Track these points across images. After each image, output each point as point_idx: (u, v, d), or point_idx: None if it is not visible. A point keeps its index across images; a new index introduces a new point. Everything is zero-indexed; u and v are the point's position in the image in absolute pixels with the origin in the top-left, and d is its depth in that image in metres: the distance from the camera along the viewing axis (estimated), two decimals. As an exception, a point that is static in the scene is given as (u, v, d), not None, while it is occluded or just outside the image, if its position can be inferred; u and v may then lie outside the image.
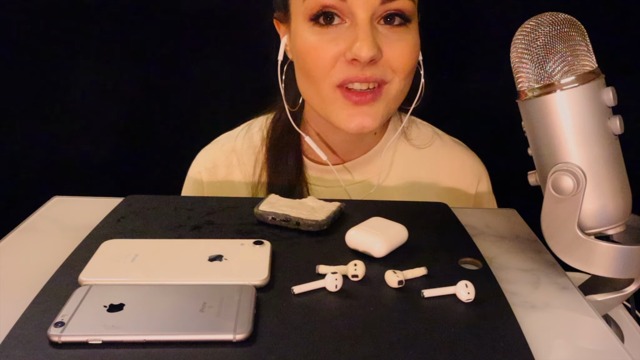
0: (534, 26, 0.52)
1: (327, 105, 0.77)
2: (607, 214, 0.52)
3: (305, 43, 0.76)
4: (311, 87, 0.78)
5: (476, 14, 1.18)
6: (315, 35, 0.75)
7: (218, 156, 0.90)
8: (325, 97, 0.77)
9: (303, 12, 0.75)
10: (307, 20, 0.75)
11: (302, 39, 0.76)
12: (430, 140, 0.91)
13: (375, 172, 0.87)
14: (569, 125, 0.51)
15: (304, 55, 0.76)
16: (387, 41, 0.74)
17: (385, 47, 0.74)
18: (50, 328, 0.41)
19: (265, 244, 0.56)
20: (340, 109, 0.76)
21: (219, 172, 0.89)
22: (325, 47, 0.74)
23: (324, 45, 0.74)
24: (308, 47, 0.75)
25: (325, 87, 0.76)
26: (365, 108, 0.76)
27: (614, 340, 0.47)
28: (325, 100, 0.77)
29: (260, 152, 0.88)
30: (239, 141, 0.90)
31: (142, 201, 0.68)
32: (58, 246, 0.57)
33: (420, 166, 0.89)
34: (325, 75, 0.75)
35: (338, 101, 0.76)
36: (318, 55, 0.74)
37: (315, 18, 0.74)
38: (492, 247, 0.62)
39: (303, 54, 0.76)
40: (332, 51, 0.74)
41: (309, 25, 0.75)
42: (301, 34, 0.76)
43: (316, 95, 0.78)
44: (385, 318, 0.46)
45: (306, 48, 0.76)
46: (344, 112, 0.76)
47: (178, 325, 0.42)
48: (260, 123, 0.91)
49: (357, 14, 0.72)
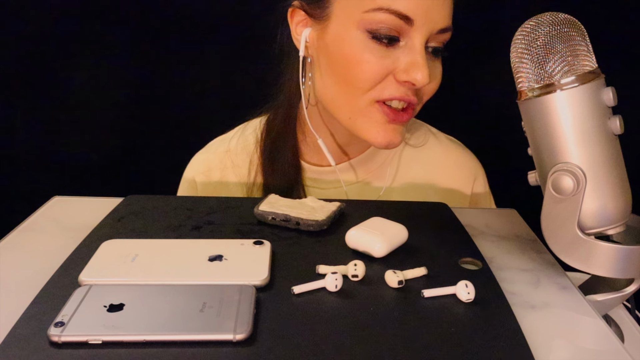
0: (534, 26, 0.52)
1: (359, 116, 0.76)
2: (607, 214, 0.52)
3: (355, 54, 0.73)
4: (344, 96, 0.76)
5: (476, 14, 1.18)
6: (372, 51, 0.72)
7: (212, 159, 0.90)
8: (360, 109, 0.75)
9: (360, 20, 0.72)
10: (363, 30, 0.72)
11: (352, 48, 0.73)
12: (424, 138, 0.91)
13: (371, 173, 0.87)
14: (569, 125, 0.51)
15: (351, 65, 0.73)
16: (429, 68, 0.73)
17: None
18: (50, 328, 0.41)
19: (265, 244, 0.56)
20: (375, 122, 0.75)
21: (213, 175, 0.89)
22: (379, 64, 0.72)
23: (378, 60, 0.72)
24: (359, 58, 0.72)
25: (363, 100, 0.75)
26: (397, 126, 0.76)
27: (614, 340, 0.47)
28: (359, 111, 0.76)
29: (255, 154, 0.87)
30: (233, 143, 0.90)
31: (142, 201, 0.68)
32: (58, 246, 0.57)
33: (416, 165, 0.89)
34: (368, 89, 0.74)
35: (374, 115, 0.75)
36: (370, 69, 0.72)
37: (377, 34, 0.71)
38: (492, 247, 0.62)
39: (350, 63, 0.73)
40: (387, 67, 0.72)
41: (364, 36, 0.72)
42: (350, 42, 0.73)
43: (347, 104, 0.76)
44: (385, 318, 0.46)
45: (356, 59, 0.73)
46: (377, 127, 0.76)
47: (178, 325, 0.42)
48: (254, 125, 0.90)
49: (416, 37, 0.71)
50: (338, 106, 0.78)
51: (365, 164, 0.87)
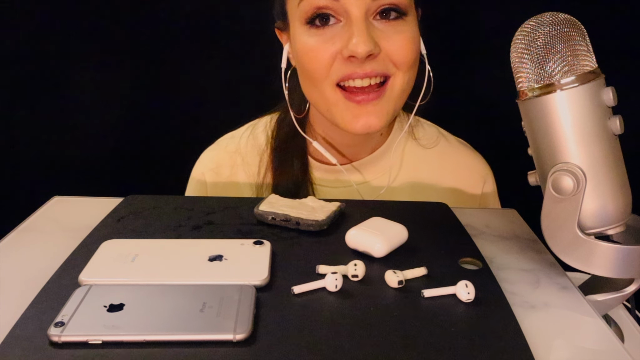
0: (534, 26, 0.52)
1: (331, 107, 0.77)
2: (607, 214, 0.52)
3: (303, 46, 0.76)
4: (314, 90, 0.78)
5: (476, 14, 1.18)
6: (312, 37, 0.75)
7: (222, 157, 0.90)
8: (329, 99, 0.77)
9: (299, 16, 0.75)
10: (303, 23, 0.75)
11: (300, 43, 0.76)
12: (435, 140, 0.91)
13: (382, 172, 0.87)
14: (569, 125, 0.51)
15: (303, 58, 0.77)
16: (385, 35, 0.74)
17: (383, 41, 0.74)
18: (50, 328, 0.41)
19: (265, 244, 0.56)
20: (345, 110, 0.76)
21: (222, 172, 0.89)
22: (323, 48, 0.74)
23: (320, 45, 0.74)
24: (306, 49, 0.76)
25: (326, 88, 0.76)
26: (370, 107, 0.75)
27: (614, 340, 0.47)
28: (329, 101, 0.77)
29: (265, 152, 0.88)
30: (243, 141, 0.90)
31: (142, 201, 0.68)
32: (58, 246, 0.57)
33: (427, 166, 0.89)
34: (324, 76, 0.75)
35: (341, 102, 0.76)
36: (316, 57, 0.75)
37: (311, 21, 0.75)
38: (492, 247, 0.62)
39: (302, 56, 0.77)
40: (330, 50, 0.74)
41: (305, 28, 0.76)
42: (299, 38, 0.77)
43: (320, 98, 0.78)
44: (385, 318, 0.46)
45: (304, 50, 0.76)
46: (348, 114, 0.76)
47: (178, 325, 0.42)
48: (264, 123, 0.90)
49: (351, 11, 0.72)
50: (316, 104, 0.80)
51: (377, 163, 0.87)
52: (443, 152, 0.90)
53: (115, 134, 1.28)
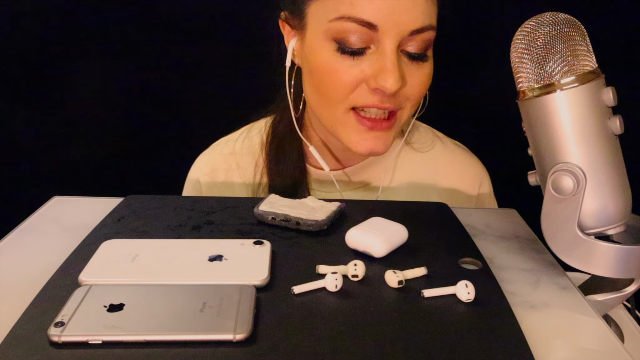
0: (534, 26, 0.52)
1: (339, 125, 0.75)
2: (607, 214, 0.52)
3: (325, 64, 0.72)
4: (323, 105, 0.76)
5: (476, 14, 1.18)
6: (338, 58, 0.71)
7: (217, 160, 0.90)
8: (338, 118, 0.75)
9: (327, 30, 0.71)
10: (329, 39, 0.71)
11: (322, 59, 0.72)
12: (431, 143, 0.90)
13: (377, 177, 0.87)
14: (569, 125, 0.51)
15: (322, 75, 0.73)
16: (408, 71, 0.72)
17: (407, 77, 0.72)
18: (50, 328, 0.41)
19: (265, 244, 0.56)
20: (353, 131, 0.75)
21: (217, 176, 0.89)
22: (348, 72, 0.71)
23: (347, 69, 0.71)
24: (328, 69, 0.72)
25: (339, 109, 0.74)
26: (379, 133, 0.75)
27: (614, 340, 0.47)
28: (337, 120, 0.75)
29: (260, 156, 0.87)
30: (238, 145, 0.89)
31: (142, 201, 0.68)
32: (58, 246, 0.57)
33: (422, 170, 0.88)
34: (342, 99, 0.73)
35: (351, 124, 0.74)
36: (340, 79, 0.71)
37: (341, 41, 0.70)
38: (492, 247, 0.62)
39: (322, 75, 0.73)
40: (355, 76, 0.71)
41: (331, 45, 0.71)
42: (321, 52, 0.72)
43: (327, 113, 0.76)
44: (385, 318, 0.46)
45: (326, 70, 0.72)
46: (356, 136, 0.75)
47: (178, 325, 0.42)
48: (260, 126, 0.90)
49: (385, 42, 0.69)
50: (319, 114, 0.78)
51: (371, 168, 0.87)
52: (438, 155, 0.89)
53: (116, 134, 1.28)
